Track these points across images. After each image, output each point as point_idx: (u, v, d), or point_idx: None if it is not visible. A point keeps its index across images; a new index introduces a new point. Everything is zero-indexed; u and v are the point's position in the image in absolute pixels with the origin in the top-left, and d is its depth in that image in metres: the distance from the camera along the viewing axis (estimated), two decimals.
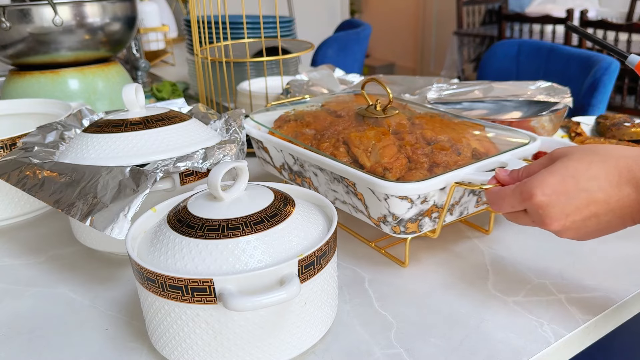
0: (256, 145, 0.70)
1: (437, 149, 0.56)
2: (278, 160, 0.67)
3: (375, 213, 0.53)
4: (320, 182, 0.60)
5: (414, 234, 0.53)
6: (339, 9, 3.86)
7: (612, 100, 2.54)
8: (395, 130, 0.60)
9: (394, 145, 0.56)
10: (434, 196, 0.51)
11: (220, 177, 0.41)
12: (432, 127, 0.61)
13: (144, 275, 0.39)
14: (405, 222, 0.51)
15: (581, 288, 0.50)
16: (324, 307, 0.43)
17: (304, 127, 0.65)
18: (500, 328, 0.45)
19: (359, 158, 0.56)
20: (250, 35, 1.11)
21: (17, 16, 0.90)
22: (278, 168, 0.68)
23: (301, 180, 0.64)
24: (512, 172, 0.47)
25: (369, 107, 0.64)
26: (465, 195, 0.54)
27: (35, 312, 0.51)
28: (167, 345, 0.41)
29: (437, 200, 0.51)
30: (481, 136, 0.61)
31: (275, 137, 0.65)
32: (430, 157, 0.55)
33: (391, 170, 0.53)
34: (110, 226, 0.45)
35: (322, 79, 1.03)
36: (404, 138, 0.58)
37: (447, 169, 0.53)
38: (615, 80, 1.39)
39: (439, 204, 0.52)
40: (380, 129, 0.59)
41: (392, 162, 0.54)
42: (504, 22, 3.12)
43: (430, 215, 0.52)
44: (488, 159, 0.55)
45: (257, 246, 0.39)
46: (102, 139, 0.56)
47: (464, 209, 0.55)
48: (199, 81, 0.95)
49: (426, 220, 0.52)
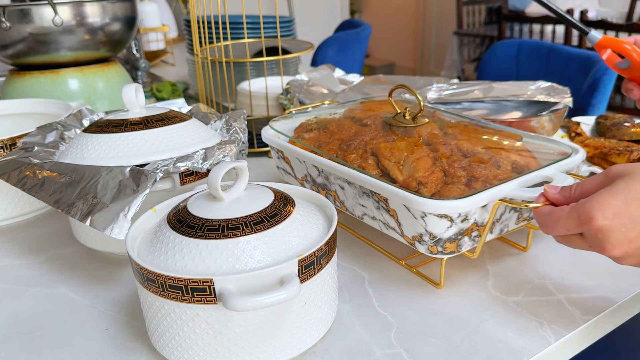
0: (276, 155, 0.67)
1: (475, 161, 0.51)
2: (300, 171, 0.63)
3: (410, 231, 0.49)
4: (347, 196, 0.56)
5: (452, 254, 0.49)
6: (339, 9, 3.86)
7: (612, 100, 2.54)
8: (428, 141, 0.56)
9: (428, 158, 0.52)
10: (475, 214, 0.47)
11: (220, 177, 0.41)
12: (467, 137, 0.56)
13: (144, 275, 0.39)
14: (443, 242, 0.48)
15: (581, 288, 0.50)
16: (324, 307, 0.43)
17: (328, 136, 0.61)
18: (500, 328, 0.45)
19: (391, 171, 0.52)
20: (250, 35, 1.11)
21: (17, 16, 0.90)
22: (300, 179, 0.64)
23: (326, 193, 0.60)
24: (563, 190, 0.43)
25: (397, 115, 0.60)
26: (506, 212, 0.50)
27: (35, 312, 0.51)
28: (167, 345, 0.41)
29: (478, 218, 0.47)
30: (520, 147, 0.57)
31: (297, 147, 0.61)
32: (468, 170, 0.51)
33: (426, 184, 0.49)
34: (110, 226, 0.45)
35: (322, 79, 1.03)
36: (438, 149, 0.54)
37: (487, 183, 0.49)
38: (615, 80, 1.39)
39: (480, 222, 0.48)
40: (412, 140, 0.55)
41: (427, 176, 0.50)
42: (504, 22, 3.12)
43: (470, 234, 0.48)
44: (531, 172, 0.50)
45: (257, 246, 0.39)
46: (102, 139, 0.56)
47: (504, 226, 0.51)
48: (199, 81, 0.95)
49: (465, 240, 0.48)
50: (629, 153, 0.72)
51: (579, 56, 1.50)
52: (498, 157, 0.53)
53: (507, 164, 0.52)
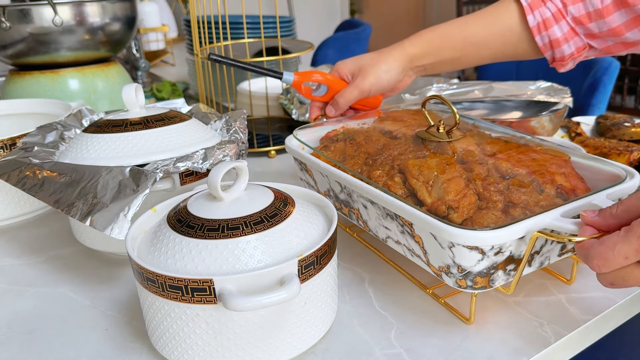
0: (299, 167, 0.64)
1: (514, 185, 0.46)
2: (323, 185, 0.59)
3: (437, 261, 0.45)
4: (370, 216, 0.52)
5: (483, 289, 0.43)
6: (339, 9, 3.86)
7: (612, 100, 2.54)
8: (462, 159, 0.50)
9: (461, 179, 0.47)
10: (510, 246, 0.41)
11: (220, 177, 0.41)
12: (507, 155, 0.51)
13: (143, 275, 0.39)
14: (473, 276, 0.42)
15: (581, 288, 0.50)
16: (324, 307, 0.43)
17: (354, 149, 0.57)
18: (500, 328, 0.45)
19: (418, 192, 0.47)
20: (250, 35, 1.11)
21: (17, 16, 0.90)
22: (323, 194, 0.60)
23: (348, 210, 0.56)
24: (602, 213, 0.37)
25: (430, 128, 0.56)
26: (547, 244, 0.45)
27: (35, 312, 0.51)
28: (167, 345, 0.41)
29: (514, 250, 0.42)
30: (567, 169, 0.50)
31: (320, 160, 0.57)
32: (506, 194, 0.45)
33: (457, 209, 0.44)
34: (110, 226, 0.45)
35: None
36: (472, 169, 0.48)
37: (526, 210, 0.44)
38: (615, 80, 1.39)
39: (517, 255, 0.43)
40: (444, 157, 0.50)
41: (458, 200, 0.45)
42: None
43: (505, 268, 0.43)
44: (577, 200, 0.43)
45: (257, 246, 0.39)
46: (102, 139, 0.56)
47: (545, 258, 0.46)
48: (199, 81, 0.95)
49: (499, 274, 0.43)
50: (629, 153, 0.72)
51: None
52: (541, 180, 0.47)
53: (551, 188, 0.46)
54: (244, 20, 0.89)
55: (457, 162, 0.50)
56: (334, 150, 0.59)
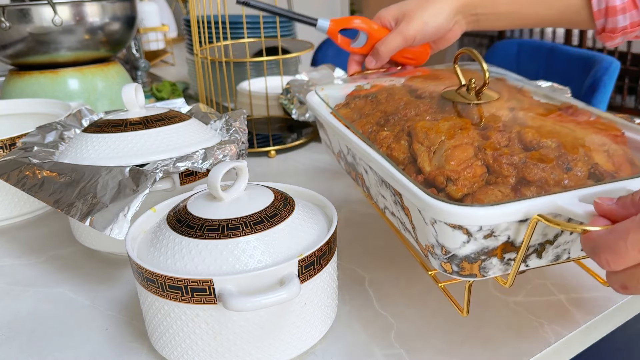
0: (318, 125, 0.61)
1: (533, 158, 0.37)
2: (336, 146, 0.55)
3: (423, 239, 0.39)
4: (371, 182, 0.47)
5: (473, 277, 0.37)
6: (339, 9, 3.86)
7: (612, 100, 2.54)
8: (485, 125, 0.43)
9: (470, 146, 0.39)
10: (507, 230, 0.34)
11: (220, 177, 0.41)
12: (540, 123, 0.42)
13: (143, 275, 0.39)
14: (459, 261, 0.36)
15: (581, 288, 0.50)
16: (324, 308, 0.43)
17: (372, 107, 0.51)
18: (500, 328, 0.45)
19: (418, 158, 0.41)
20: (250, 35, 1.11)
21: (17, 16, 0.89)
22: (336, 155, 0.56)
23: (355, 174, 0.51)
24: (621, 200, 0.31)
25: (461, 88, 0.49)
26: (566, 234, 0.37)
27: (35, 312, 0.50)
28: (167, 345, 0.41)
29: (513, 236, 0.35)
30: (615, 146, 0.40)
31: (332, 118, 0.52)
32: (520, 169, 0.37)
33: (456, 181, 0.38)
34: (110, 226, 0.45)
35: (322, 79, 1.03)
36: (489, 137, 0.40)
37: (543, 190, 0.36)
38: (616, 80, 1.39)
39: (517, 243, 0.35)
40: (460, 121, 0.43)
41: (459, 171, 0.38)
42: None
43: (502, 257, 0.36)
44: (607, 183, 0.35)
45: (257, 246, 0.39)
46: (101, 139, 0.56)
47: (562, 250, 0.38)
48: (199, 81, 0.95)
49: (493, 262, 0.36)
50: None
51: (579, 56, 1.50)
52: (571, 156, 0.38)
53: (584, 166, 0.38)
54: (244, 20, 0.89)
55: (475, 127, 0.42)
56: (353, 108, 0.52)
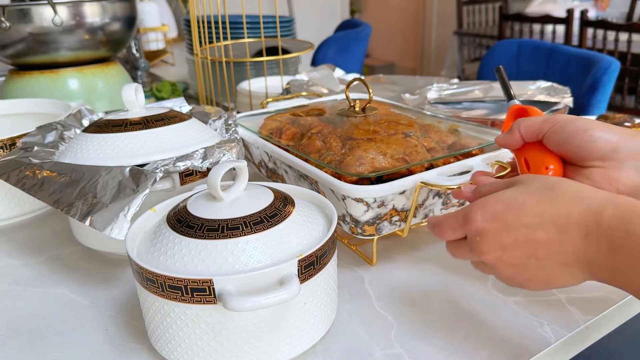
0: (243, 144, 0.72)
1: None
2: (256, 158, 0.69)
3: (337, 212, 0.52)
4: (290, 179, 0.61)
5: (372, 236, 0.53)
6: (339, 9, 3.86)
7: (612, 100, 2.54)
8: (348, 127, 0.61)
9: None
10: (392, 200, 0.50)
11: (220, 177, 0.41)
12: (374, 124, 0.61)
13: (143, 275, 0.39)
14: (362, 225, 0.51)
15: (581, 288, 0.50)
16: (324, 307, 0.43)
17: (288, 126, 0.66)
18: (500, 328, 0.45)
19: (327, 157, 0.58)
20: (250, 35, 1.11)
21: (17, 16, 0.90)
22: (257, 165, 0.70)
23: (276, 177, 0.66)
24: (475, 190, 0.43)
25: (350, 108, 0.65)
26: (430, 198, 0.53)
27: (35, 312, 0.50)
28: (167, 345, 0.41)
29: (396, 204, 0.51)
30: (444, 136, 0.59)
31: (255, 135, 0.67)
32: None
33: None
34: (110, 226, 0.45)
35: (322, 79, 1.03)
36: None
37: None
38: (616, 80, 1.39)
39: (399, 208, 0.51)
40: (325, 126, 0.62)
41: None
42: (504, 22, 3.12)
43: (390, 219, 0.52)
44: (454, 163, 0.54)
45: (257, 246, 0.39)
46: (101, 139, 0.56)
47: (429, 211, 0.55)
48: (199, 81, 0.95)
49: (385, 224, 0.52)
50: None
51: (579, 56, 1.50)
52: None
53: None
54: (244, 20, 0.89)
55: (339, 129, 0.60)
56: (270, 130, 0.67)
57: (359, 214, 0.50)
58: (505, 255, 0.38)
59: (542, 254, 0.37)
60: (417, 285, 0.52)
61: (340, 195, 0.51)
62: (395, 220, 0.52)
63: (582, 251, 0.36)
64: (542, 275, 0.38)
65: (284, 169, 0.61)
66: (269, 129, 0.67)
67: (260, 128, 0.69)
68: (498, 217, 0.38)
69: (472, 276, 0.53)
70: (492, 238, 0.38)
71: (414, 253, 0.58)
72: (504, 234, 0.38)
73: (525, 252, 0.37)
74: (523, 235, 0.37)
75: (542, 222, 0.37)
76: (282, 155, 0.60)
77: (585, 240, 0.35)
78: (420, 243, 0.60)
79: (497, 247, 0.38)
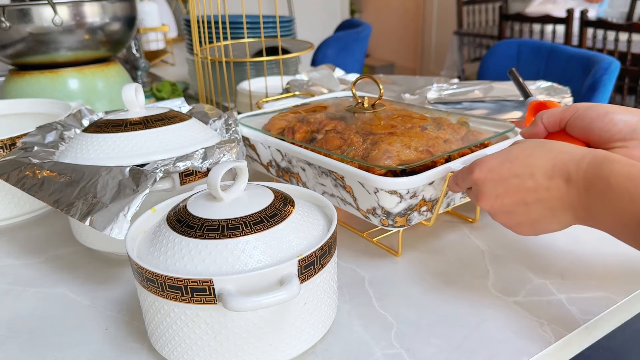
0: (246, 145, 0.72)
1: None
2: (265, 158, 0.68)
3: (364, 205, 0.54)
4: (308, 177, 0.61)
5: (402, 227, 0.54)
6: (339, 9, 3.86)
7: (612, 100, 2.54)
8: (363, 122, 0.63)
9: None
10: (423, 190, 0.52)
11: (220, 177, 0.41)
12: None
13: (143, 275, 0.39)
14: (394, 216, 0.52)
15: (581, 288, 0.50)
16: (324, 307, 0.43)
17: (299, 125, 0.66)
18: (500, 328, 0.45)
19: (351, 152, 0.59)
20: (250, 35, 1.11)
21: (17, 16, 0.89)
22: (265, 165, 0.70)
23: (289, 175, 0.65)
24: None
25: (357, 104, 0.67)
26: None
27: (35, 312, 0.50)
28: (167, 345, 0.41)
29: (425, 194, 0.53)
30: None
31: (265, 135, 0.67)
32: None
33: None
34: (110, 226, 0.45)
35: (322, 78, 1.03)
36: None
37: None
38: (616, 80, 1.39)
39: (428, 199, 0.53)
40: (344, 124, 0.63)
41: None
42: (504, 22, 3.12)
43: (419, 210, 0.54)
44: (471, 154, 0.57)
45: (257, 246, 0.39)
46: (101, 139, 0.56)
47: (450, 200, 0.57)
48: (199, 81, 0.95)
49: (415, 215, 0.54)
50: None
51: (579, 56, 1.50)
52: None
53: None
54: (244, 20, 0.89)
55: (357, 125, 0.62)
56: (278, 129, 0.67)
57: (392, 205, 0.51)
58: (497, 203, 0.44)
59: (531, 200, 0.42)
60: (417, 286, 0.52)
61: (372, 189, 0.51)
62: (423, 211, 0.54)
63: (565, 194, 0.41)
64: (530, 220, 0.44)
65: (301, 167, 0.61)
66: (278, 128, 0.67)
67: (267, 127, 0.68)
68: (494, 169, 0.44)
69: (473, 276, 0.53)
70: (487, 187, 0.45)
71: (413, 252, 0.58)
72: (498, 184, 0.44)
73: (516, 199, 0.43)
74: (514, 185, 0.43)
75: (532, 172, 0.42)
76: (301, 152, 0.59)
77: (567, 185, 0.41)
78: (425, 240, 0.60)
79: (491, 195, 0.44)
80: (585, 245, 0.57)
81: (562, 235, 0.59)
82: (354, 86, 0.67)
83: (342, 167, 0.54)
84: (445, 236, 0.61)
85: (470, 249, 0.58)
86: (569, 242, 0.58)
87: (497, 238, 0.60)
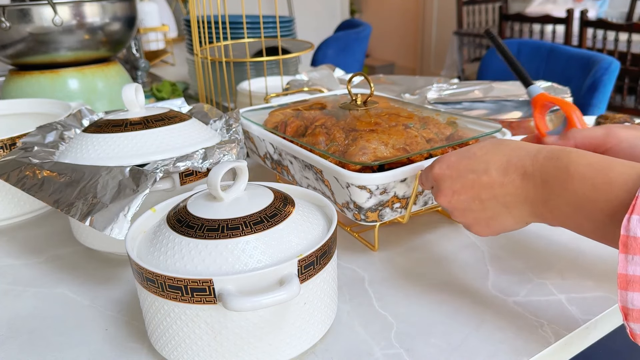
0: (245, 138, 0.74)
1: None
2: (262, 150, 0.71)
3: (340, 199, 0.55)
4: (295, 170, 0.63)
5: (374, 222, 0.55)
6: (339, 9, 3.86)
7: (612, 100, 2.54)
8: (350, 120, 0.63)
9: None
10: (394, 187, 0.53)
11: (220, 177, 0.41)
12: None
13: (143, 275, 0.39)
14: (365, 211, 0.53)
15: (581, 288, 0.50)
16: (324, 307, 0.43)
17: (293, 119, 0.68)
18: (500, 328, 0.45)
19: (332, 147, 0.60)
20: (250, 35, 1.11)
21: (17, 16, 0.89)
22: (262, 157, 0.72)
23: (280, 168, 0.67)
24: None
25: (352, 101, 0.68)
26: None
27: (35, 312, 0.50)
28: (167, 345, 0.41)
29: (397, 191, 0.53)
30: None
31: (260, 128, 0.69)
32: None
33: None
34: (110, 226, 0.45)
35: (322, 79, 1.03)
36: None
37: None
38: (616, 80, 1.39)
39: (401, 196, 0.54)
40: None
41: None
42: (504, 22, 3.12)
43: (392, 206, 0.54)
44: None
45: (257, 246, 0.39)
46: (102, 139, 0.56)
47: (428, 199, 0.57)
48: (199, 81, 0.95)
49: (387, 211, 0.54)
50: None
51: (579, 56, 1.50)
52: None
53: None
54: (244, 20, 0.89)
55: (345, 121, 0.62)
56: (275, 123, 0.69)
57: (362, 200, 0.52)
58: (454, 199, 0.45)
59: (485, 196, 0.42)
60: (417, 286, 0.52)
61: (345, 183, 0.53)
62: (396, 207, 0.55)
63: (520, 189, 0.40)
64: (486, 217, 0.43)
65: (289, 160, 0.63)
66: (274, 122, 0.69)
67: (265, 121, 0.70)
68: (452, 165, 0.45)
69: (472, 276, 0.53)
70: (445, 184, 0.45)
71: (414, 252, 0.58)
72: (455, 180, 0.44)
73: (471, 195, 0.43)
74: (470, 181, 0.43)
75: (487, 168, 0.42)
76: (288, 146, 0.61)
77: (523, 180, 0.40)
78: (425, 240, 0.60)
79: (449, 191, 0.45)
80: (585, 245, 0.57)
81: (562, 235, 0.59)
82: (349, 83, 0.68)
83: (320, 162, 0.56)
84: (444, 236, 0.61)
85: (470, 249, 0.58)
86: (569, 242, 0.58)
87: (497, 238, 0.60)
